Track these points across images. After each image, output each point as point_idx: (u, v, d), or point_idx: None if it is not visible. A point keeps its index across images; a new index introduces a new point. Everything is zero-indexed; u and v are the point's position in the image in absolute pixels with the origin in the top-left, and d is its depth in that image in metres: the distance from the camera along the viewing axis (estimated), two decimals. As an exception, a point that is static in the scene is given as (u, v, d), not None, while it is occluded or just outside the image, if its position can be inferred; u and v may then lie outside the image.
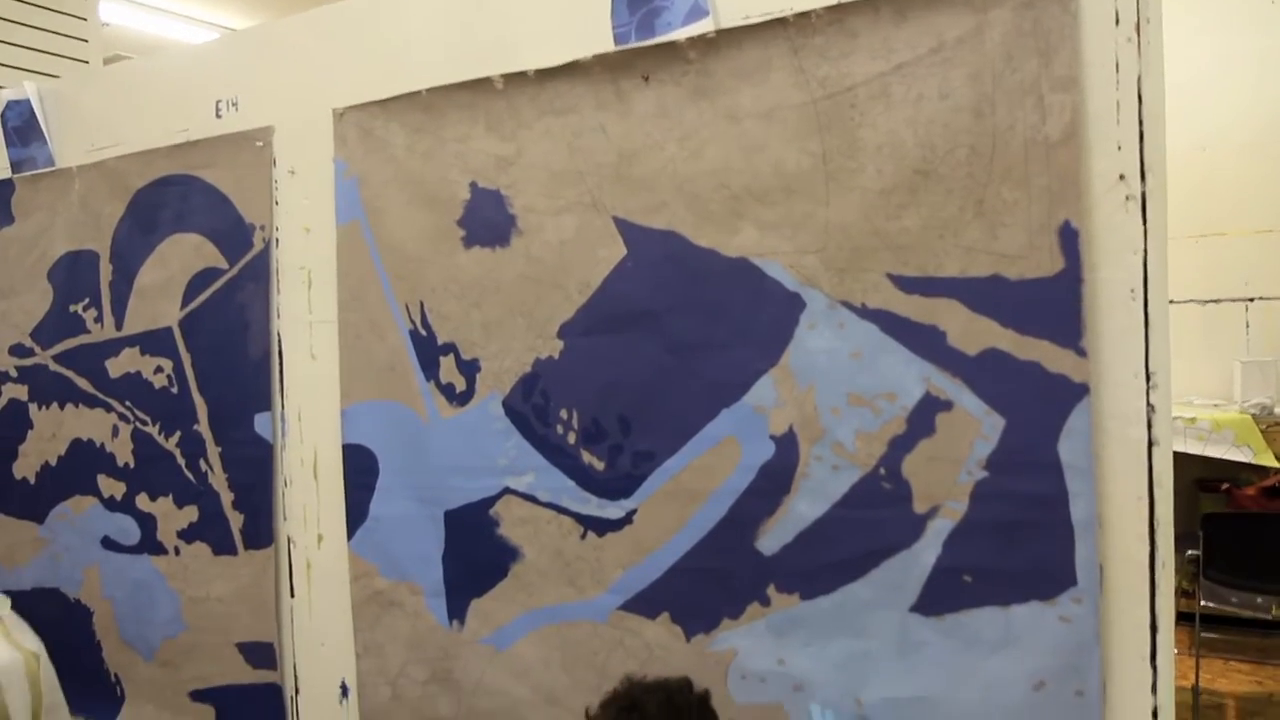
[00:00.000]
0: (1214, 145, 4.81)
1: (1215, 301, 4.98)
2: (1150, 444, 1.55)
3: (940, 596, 1.68)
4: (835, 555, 1.75)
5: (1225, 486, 4.39)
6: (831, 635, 1.76)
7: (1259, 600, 3.71)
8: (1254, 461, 4.36)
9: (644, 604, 1.92)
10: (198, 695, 2.63)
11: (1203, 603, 3.74)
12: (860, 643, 1.74)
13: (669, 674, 1.60)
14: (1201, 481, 4.57)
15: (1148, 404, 1.54)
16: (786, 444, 1.78)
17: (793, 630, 1.79)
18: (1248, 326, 4.93)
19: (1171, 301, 1.55)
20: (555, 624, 2.03)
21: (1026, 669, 1.62)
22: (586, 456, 1.97)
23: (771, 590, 1.80)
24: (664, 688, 1.55)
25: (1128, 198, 1.55)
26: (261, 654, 2.50)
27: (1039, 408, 1.59)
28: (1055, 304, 1.58)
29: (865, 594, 1.73)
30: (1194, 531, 3.94)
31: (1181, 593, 3.96)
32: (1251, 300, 4.94)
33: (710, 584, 1.86)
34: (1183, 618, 1.59)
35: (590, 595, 1.98)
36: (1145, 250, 1.54)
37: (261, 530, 2.47)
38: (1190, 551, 3.76)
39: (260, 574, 2.48)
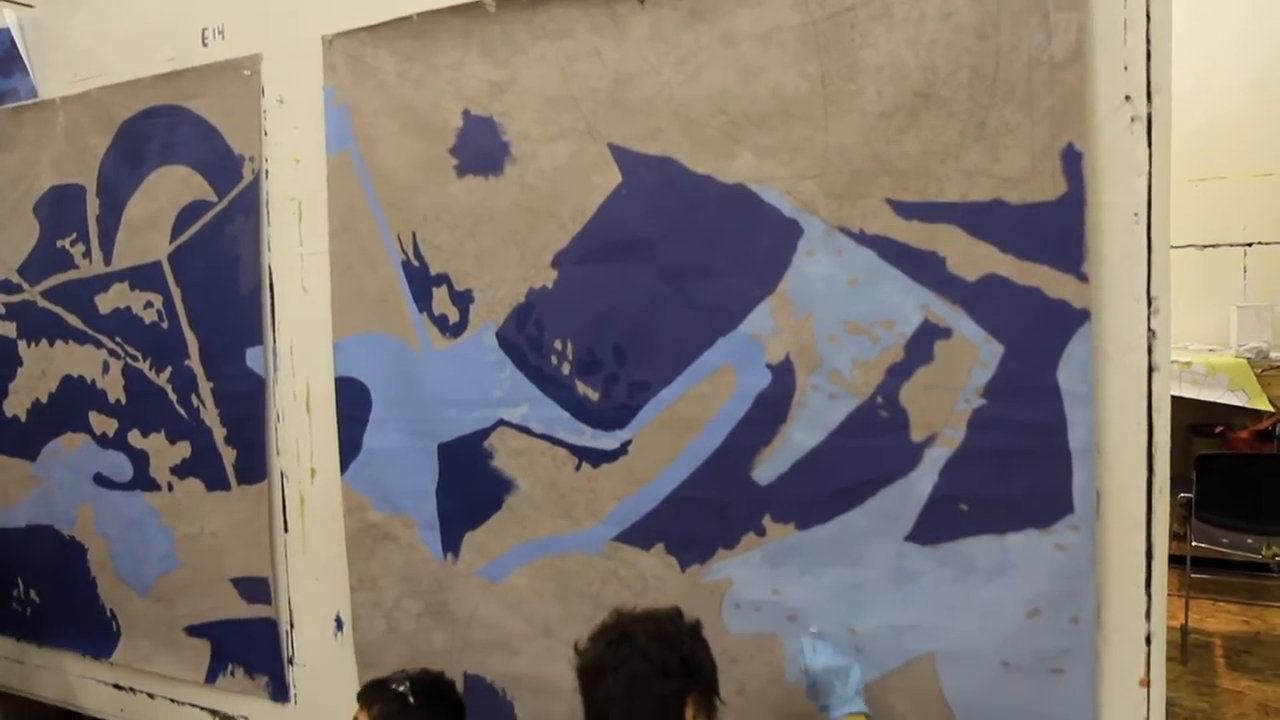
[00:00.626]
0: (1215, 87, 4.76)
1: (1213, 246, 4.96)
2: (1150, 370, 1.53)
3: (936, 525, 1.67)
4: (831, 484, 1.74)
5: (1219, 430, 4.40)
6: (827, 564, 1.76)
7: (1249, 541, 3.74)
8: (1248, 405, 4.37)
9: (638, 535, 1.92)
10: (193, 630, 2.64)
11: (1194, 543, 3.77)
12: (855, 572, 1.74)
13: (663, 605, 1.60)
14: (1195, 426, 4.57)
15: (1148, 329, 1.53)
16: (783, 372, 1.76)
17: (788, 560, 1.79)
18: (1245, 271, 4.91)
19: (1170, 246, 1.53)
20: (549, 556, 2.02)
21: (1021, 597, 1.62)
22: (581, 387, 1.95)
23: (767, 520, 1.80)
24: (654, 618, 1.54)
25: (1133, 119, 1.52)
26: (256, 589, 2.49)
27: (1038, 334, 1.58)
28: (1057, 228, 1.55)
29: (861, 523, 1.72)
30: (1186, 475, 3.95)
31: (1172, 535, 3.99)
32: (1250, 245, 4.92)
33: (705, 514, 1.85)
34: (1173, 560, 1.59)
35: (585, 527, 1.97)
36: (1150, 173, 1.52)
37: (254, 465, 2.46)
38: (1182, 494, 3.78)
39: (253, 509, 2.47)
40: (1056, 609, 1.60)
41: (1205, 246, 4.94)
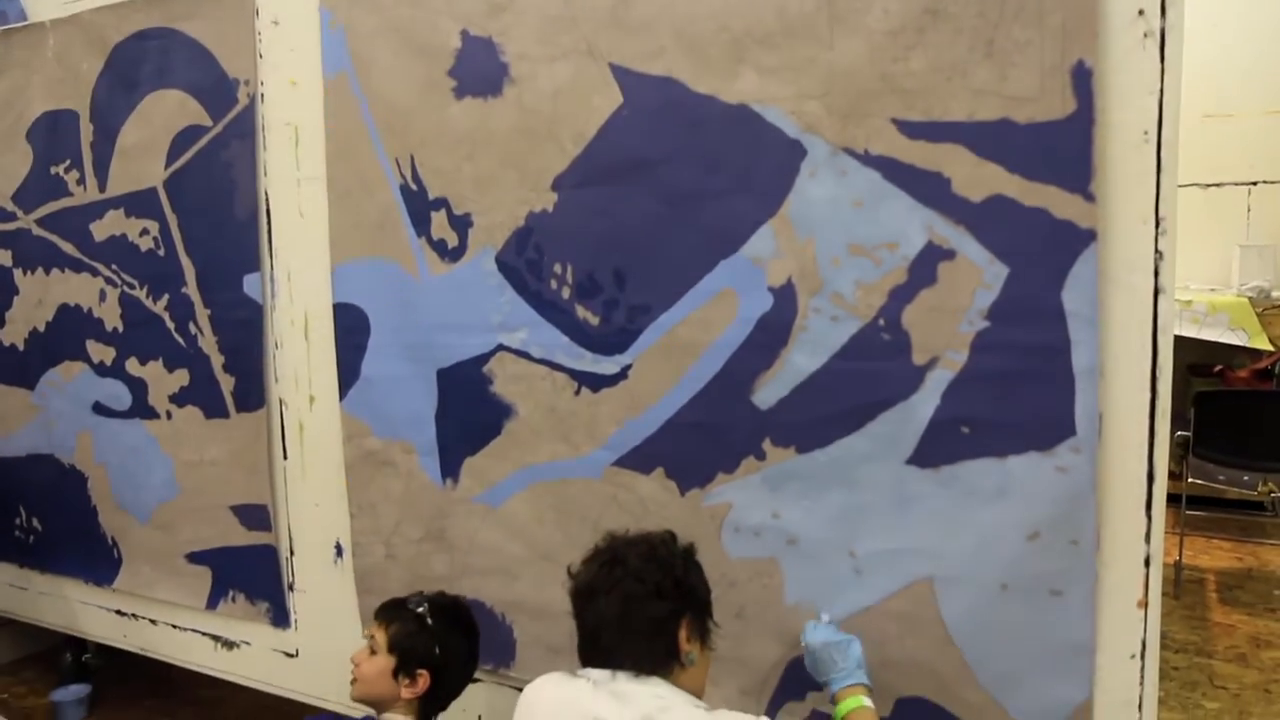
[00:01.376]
0: (1226, 23, 4.68)
1: (1217, 185, 4.92)
2: (1156, 292, 1.52)
3: (937, 448, 1.67)
4: (832, 408, 1.73)
5: (1218, 369, 4.40)
6: (826, 488, 1.76)
7: (1245, 478, 3.76)
8: (1248, 345, 4.37)
9: (638, 459, 1.91)
10: (194, 557, 2.65)
11: (1190, 480, 3.79)
12: (855, 495, 1.74)
13: (662, 529, 1.60)
14: (1194, 367, 4.58)
15: (1155, 250, 1.51)
16: (785, 296, 1.74)
17: (788, 484, 1.78)
18: (1249, 211, 4.87)
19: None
20: (549, 481, 2.02)
21: (1021, 519, 1.62)
22: (581, 311, 1.93)
23: (767, 444, 1.79)
24: (646, 541, 1.54)
25: (1145, 35, 1.48)
26: (255, 516, 2.50)
27: (1044, 255, 1.56)
28: (1065, 147, 1.53)
29: (861, 447, 1.72)
30: (1184, 414, 3.96)
31: (1168, 474, 4.01)
32: (1255, 184, 4.87)
33: (705, 439, 1.84)
34: (1168, 499, 1.59)
35: (584, 451, 1.97)
36: (1161, 91, 1.49)
37: (253, 393, 2.45)
38: (1180, 432, 3.79)
39: (252, 437, 2.47)
40: (1056, 531, 1.60)
41: (1209, 185, 4.90)
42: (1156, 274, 1.51)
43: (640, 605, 1.43)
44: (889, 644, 1.74)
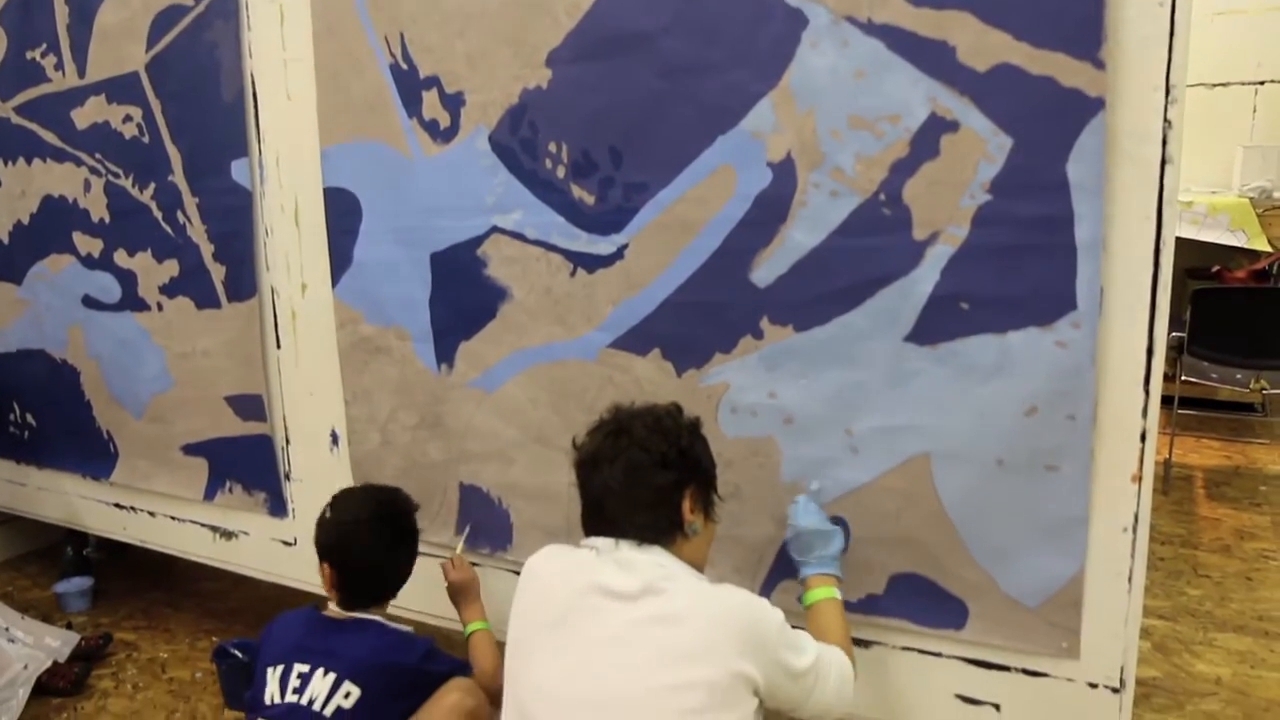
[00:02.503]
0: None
1: (1223, 85, 4.83)
2: (1164, 162, 1.49)
3: (936, 325, 1.65)
4: (831, 285, 1.71)
5: (1215, 269, 4.38)
6: (824, 366, 1.75)
7: (1239, 375, 3.77)
8: (1247, 246, 4.34)
9: (634, 340, 1.90)
10: (189, 449, 2.65)
11: (1183, 378, 3.80)
12: (853, 373, 1.73)
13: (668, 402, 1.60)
14: (1192, 270, 4.56)
15: (1164, 120, 1.47)
16: (784, 171, 1.71)
17: (785, 362, 1.77)
18: (1254, 111, 4.80)
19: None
20: (544, 364, 2.01)
21: (1019, 395, 1.61)
22: (576, 191, 1.90)
23: (765, 322, 1.78)
24: (652, 412, 1.54)
25: (1161, -108, 1.43)
26: (250, 406, 2.50)
27: (1049, 126, 1.52)
28: (1075, 12, 1.48)
29: (860, 324, 1.70)
30: (1180, 316, 3.96)
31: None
32: (1261, 84, 4.79)
33: (702, 318, 1.83)
34: (1160, 400, 1.58)
35: (580, 333, 1.95)
36: (1176, -51, 1.44)
37: (244, 281, 2.42)
38: (1174, 333, 3.79)
39: (245, 326, 2.44)
40: (1054, 407, 1.59)
41: (1215, 85, 4.82)
42: (1164, 144, 1.48)
43: (645, 474, 1.43)
44: (884, 521, 1.75)
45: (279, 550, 2.55)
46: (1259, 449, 4.27)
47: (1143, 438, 1.58)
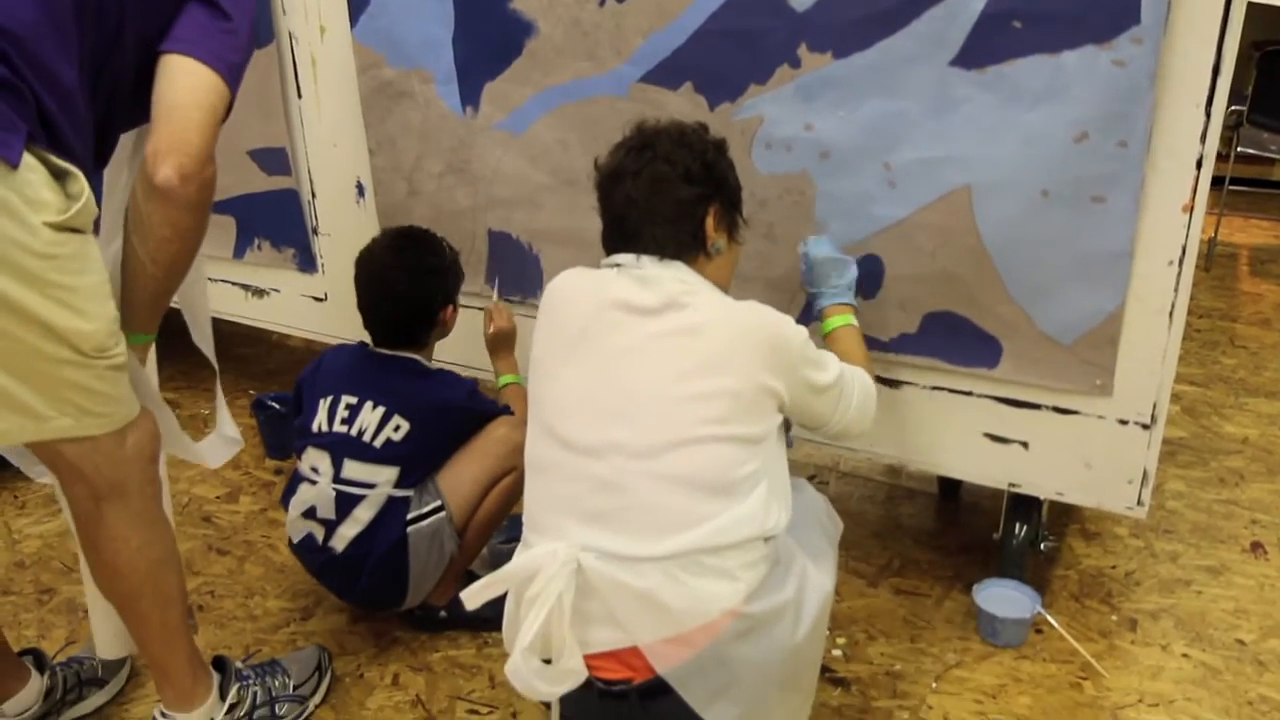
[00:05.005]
0: None
1: None
2: None
3: (985, 47, 1.56)
4: (875, 5, 1.60)
5: (1285, 39, 4.12)
6: (864, 96, 1.66)
7: (1300, 147, 3.62)
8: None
9: (666, 74, 1.82)
10: (217, 207, 2.56)
11: (1239, 149, 3.65)
12: (894, 103, 1.65)
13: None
14: (1260, 43, 4.30)
15: None
16: (830, -124, 1.58)
17: (823, 92, 1.69)
18: None
19: None
20: (573, 102, 1.93)
21: (1069, 120, 1.53)
22: (604, -92, 1.77)
23: (803, 50, 1.68)
24: (678, 127, 1.47)
25: None
26: (274, 160, 2.45)
27: None
28: None
29: (904, 48, 1.61)
30: (1241, 90, 3.77)
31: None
32: None
33: (737, 47, 1.73)
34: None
35: (609, 68, 1.87)
36: None
37: (260, 27, 2.32)
38: (1234, 108, 3.62)
39: (264, 75, 2.36)
40: (1105, 132, 1.51)
41: None
42: None
43: (669, 188, 1.38)
44: (920, 258, 1.71)
45: (310, 306, 2.57)
46: (1309, 229, 4.15)
47: (1199, 164, 1.50)
